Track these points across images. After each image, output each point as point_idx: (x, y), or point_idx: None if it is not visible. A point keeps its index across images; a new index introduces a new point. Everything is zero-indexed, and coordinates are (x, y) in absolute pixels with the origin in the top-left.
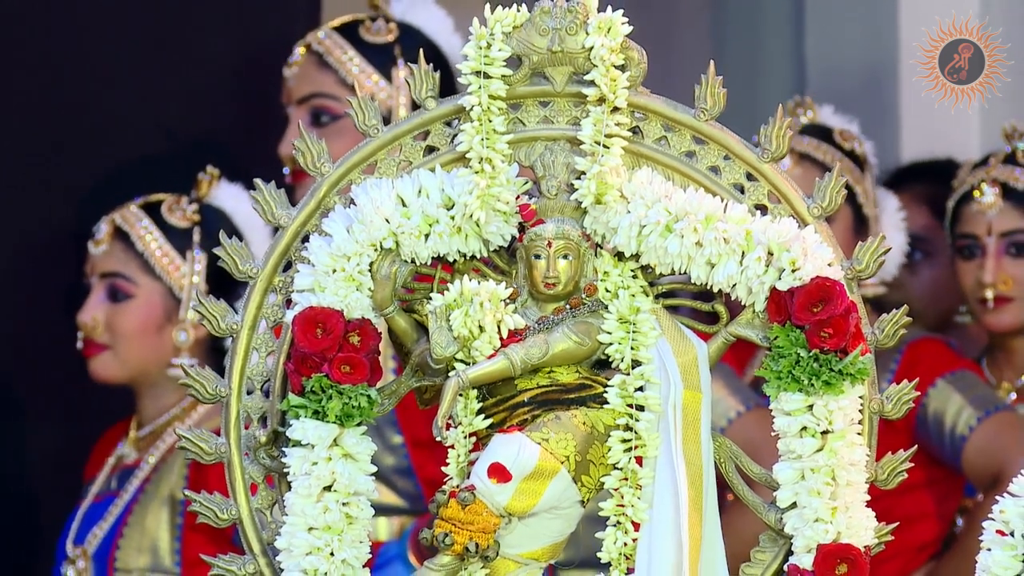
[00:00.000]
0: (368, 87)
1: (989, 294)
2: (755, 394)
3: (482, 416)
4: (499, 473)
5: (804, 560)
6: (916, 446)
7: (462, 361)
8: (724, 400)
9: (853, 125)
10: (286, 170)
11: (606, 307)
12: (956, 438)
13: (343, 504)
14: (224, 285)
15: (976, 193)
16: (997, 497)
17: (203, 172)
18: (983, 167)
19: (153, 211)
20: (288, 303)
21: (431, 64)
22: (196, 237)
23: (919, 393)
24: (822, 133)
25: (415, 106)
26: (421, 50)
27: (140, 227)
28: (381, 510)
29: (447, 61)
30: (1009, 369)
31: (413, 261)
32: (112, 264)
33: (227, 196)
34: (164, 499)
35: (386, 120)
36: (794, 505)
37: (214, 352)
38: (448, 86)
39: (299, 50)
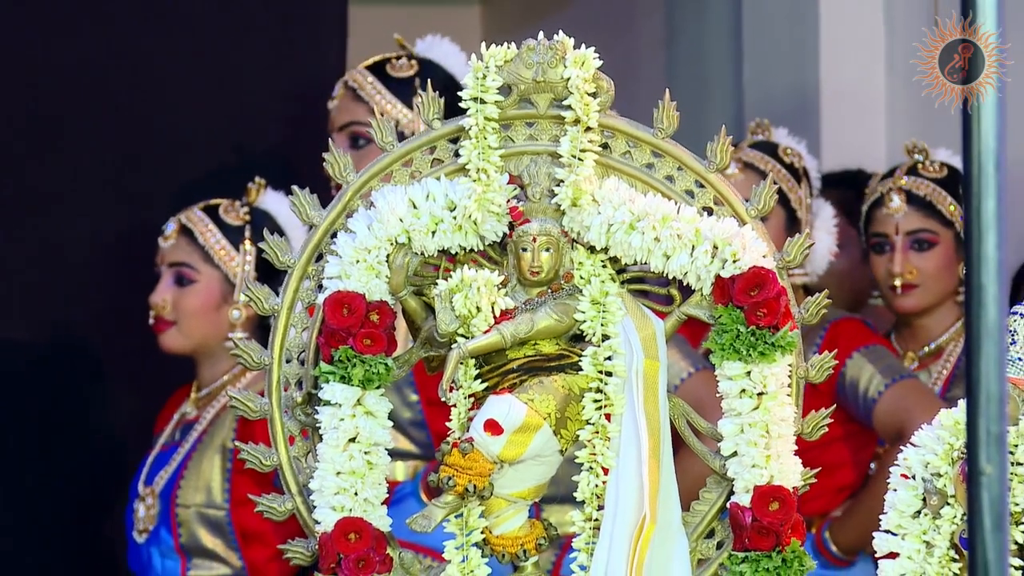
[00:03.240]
0: (393, 115)
1: (897, 282)
2: (703, 359)
3: (479, 380)
4: (493, 427)
5: (743, 499)
6: (835, 405)
7: (462, 336)
8: (677, 363)
9: (801, 145)
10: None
11: (581, 291)
12: (868, 400)
13: (365, 453)
14: (269, 273)
15: (886, 200)
16: (902, 448)
17: (252, 182)
18: (890, 178)
19: (212, 212)
20: (320, 288)
21: (438, 91)
22: (247, 233)
23: (838, 363)
24: (769, 148)
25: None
26: (429, 80)
27: (202, 225)
28: (398, 455)
29: (460, 88)
30: (913, 342)
31: (422, 253)
32: (178, 255)
33: (272, 201)
34: (217, 448)
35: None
36: (735, 454)
37: (262, 328)
38: (458, 105)
39: (339, 86)
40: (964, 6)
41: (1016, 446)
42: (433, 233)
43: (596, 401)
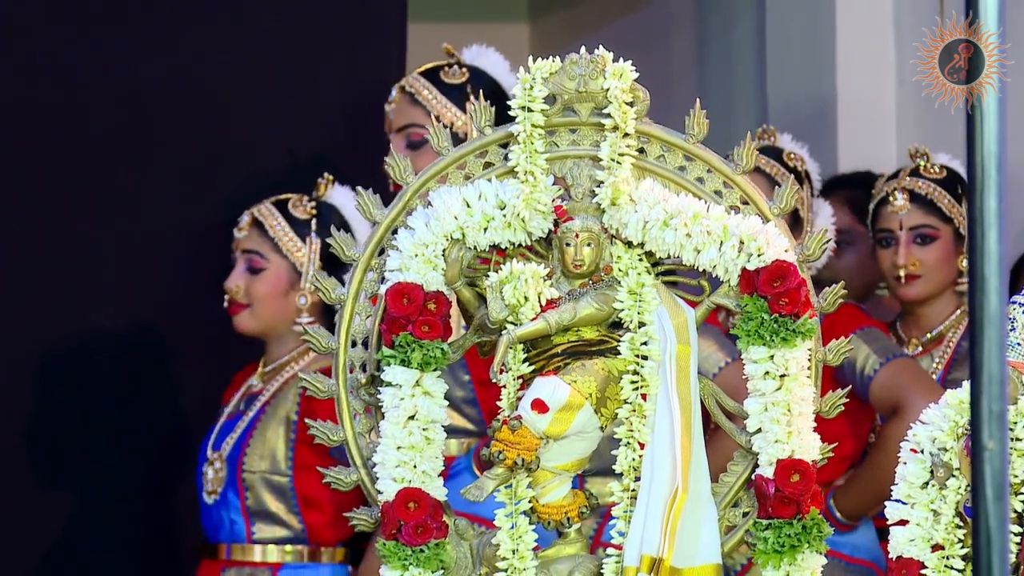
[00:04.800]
0: (448, 118)
1: (901, 273)
2: (737, 350)
3: (527, 363)
4: (539, 406)
5: (767, 471)
6: (849, 386)
7: (511, 323)
8: (715, 353)
9: (804, 150)
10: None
11: (619, 282)
12: (864, 377)
13: (423, 429)
14: (334, 263)
15: (890, 198)
16: (901, 421)
17: (321, 178)
18: (895, 179)
19: (282, 207)
20: (382, 279)
21: (489, 100)
22: (313, 226)
23: (851, 348)
24: (775, 153)
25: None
26: (480, 90)
27: (272, 218)
28: (452, 432)
29: (506, 94)
30: (916, 329)
31: (475, 248)
32: (250, 244)
33: (338, 196)
34: (281, 419)
35: (462, 143)
36: (759, 430)
37: (326, 313)
38: (506, 112)
39: (395, 91)
40: (967, 6)
41: (1016, 423)
42: (485, 229)
43: (633, 382)
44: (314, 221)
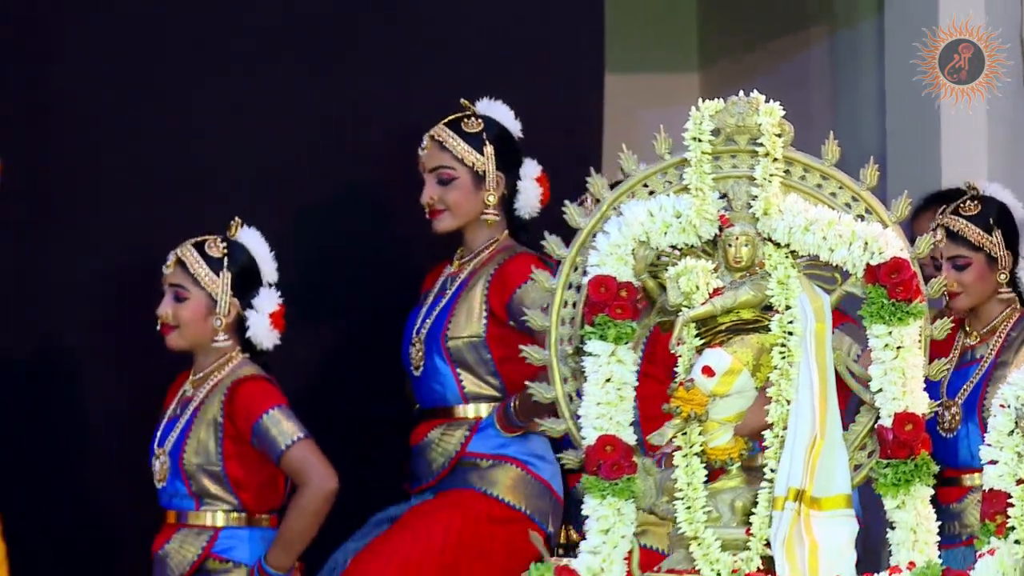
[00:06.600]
0: (469, 160)
1: (945, 291)
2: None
3: (698, 338)
4: (708, 371)
5: (887, 422)
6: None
7: (686, 306)
8: (853, 344)
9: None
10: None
11: (770, 275)
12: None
13: (617, 389)
14: (242, 289)
15: (935, 233)
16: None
17: (232, 220)
18: (942, 214)
19: (199, 247)
20: (584, 273)
21: (499, 141)
22: (225, 263)
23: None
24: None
25: (504, 167)
26: (661, 126)
27: (191, 257)
28: (481, 398)
29: (512, 135)
30: (977, 323)
31: (657, 248)
32: (176, 279)
33: (246, 236)
34: (210, 421)
35: (481, 176)
36: (880, 390)
37: (239, 330)
38: (513, 153)
39: (426, 139)
40: None
41: None
42: (665, 234)
43: (781, 353)
44: (226, 259)
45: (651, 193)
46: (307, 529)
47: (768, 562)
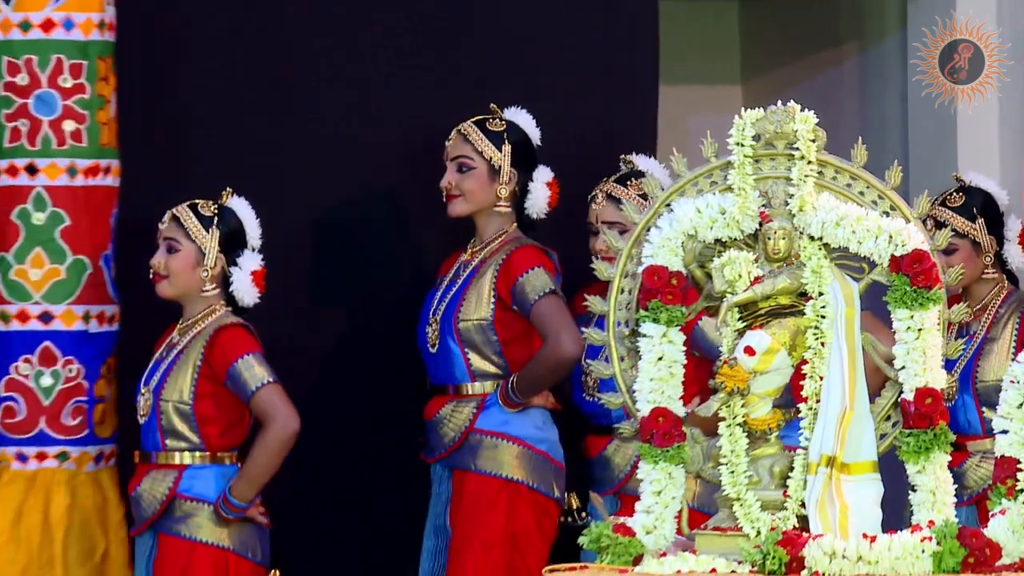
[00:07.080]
0: (488, 153)
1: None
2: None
3: (740, 321)
4: (749, 351)
5: (909, 396)
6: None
7: (729, 293)
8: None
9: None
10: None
11: (804, 265)
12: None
13: (668, 367)
14: (228, 247)
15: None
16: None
17: (225, 189)
18: (931, 206)
19: (193, 207)
20: (639, 263)
21: (519, 144)
22: (215, 222)
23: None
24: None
25: (522, 165)
26: (708, 132)
27: (185, 213)
28: (487, 376)
29: (530, 139)
30: (972, 300)
31: (704, 241)
32: (170, 233)
33: (235, 203)
34: (191, 363)
35: (496, 170)
36: (903, 367)
37: (224, 284)
38: (528, 155)
39: (454, 132)
40: None
41: None
42: (711, 228)
43: (815, 334)
44: (216, 218)
45: (699, 192)
46: (269, 464)
47: (803, 521)
